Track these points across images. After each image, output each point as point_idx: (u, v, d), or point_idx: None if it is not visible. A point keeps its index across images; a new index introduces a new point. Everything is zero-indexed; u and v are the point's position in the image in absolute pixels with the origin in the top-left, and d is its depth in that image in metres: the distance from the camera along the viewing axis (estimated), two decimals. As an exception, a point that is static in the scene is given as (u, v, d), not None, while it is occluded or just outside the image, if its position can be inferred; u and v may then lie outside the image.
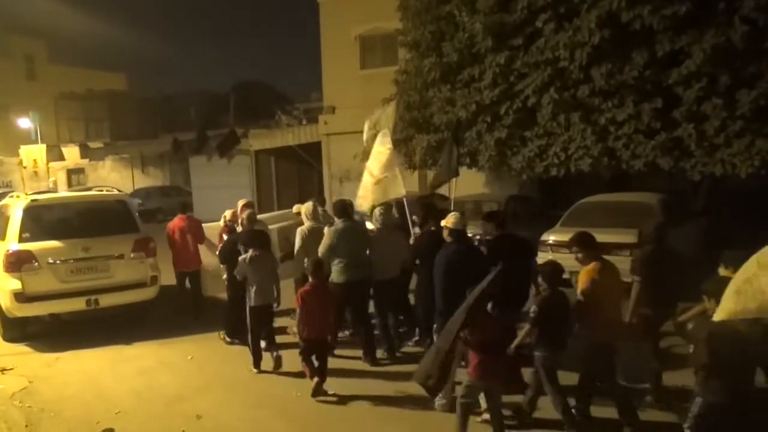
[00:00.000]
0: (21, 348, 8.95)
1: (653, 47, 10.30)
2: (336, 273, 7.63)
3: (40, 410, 6.72)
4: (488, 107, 12.22)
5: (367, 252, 7.83)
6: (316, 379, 6.70)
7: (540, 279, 5.79)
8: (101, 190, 11.78)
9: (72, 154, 37.08)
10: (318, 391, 6.66)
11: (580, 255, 5.85)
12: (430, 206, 8.55)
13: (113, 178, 32.92)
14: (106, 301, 9.26)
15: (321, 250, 7.61)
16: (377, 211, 8.07)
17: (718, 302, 4.11)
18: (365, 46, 20.52)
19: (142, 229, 10.09)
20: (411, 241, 8.33)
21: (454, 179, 9.80)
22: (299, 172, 25.33)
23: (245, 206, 9.18)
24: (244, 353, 8.10)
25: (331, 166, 21.68)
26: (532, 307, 5.64)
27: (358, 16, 19.83)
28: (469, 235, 7.75)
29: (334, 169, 21.55)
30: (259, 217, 9.20)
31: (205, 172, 25.68)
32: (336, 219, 7.94)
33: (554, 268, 5.74)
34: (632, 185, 12.94)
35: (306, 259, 7.80)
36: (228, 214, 9.34)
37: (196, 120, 37.79)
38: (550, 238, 10.59)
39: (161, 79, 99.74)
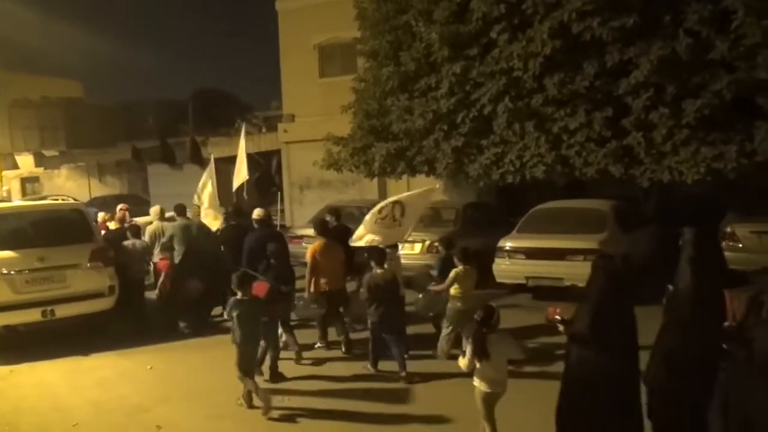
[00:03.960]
0: (-26, 361, 8.78)
1: (603, 58, 10.65)
2: (176, 256, 9.93)
3: (-5, 424, 6.64)
4: (445, 116, 12.43)
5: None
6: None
7: (271, 258, 8.07)
8: (56, 199, 11.63)
9: (26, 162, 36.33)
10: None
11: (314, 234, 8.87)
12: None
13: (69, 187, 32.36)
14: (63, 311, 9.13)
15: (164, 240, 10.06)
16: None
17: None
18: (324, 55, 20.60)
19: (99, 238, 10.02)
20: None
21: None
22: (259, 180, 25.21)
23: (121, 209, 11.98)
24: (207, 364, 8.17)
25: (291, 174, 21.68)
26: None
27: (316, 25, 19.89)
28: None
29: (294, 177, 21.57)
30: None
31: (164, 180, 25.47)
32: (177, 217, 10.45)
33: (276, 247, 8.23)
34: (586, 192, 13.26)
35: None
36: (105, 215, 12.22)
37: (155, 128, 37.30)
38: (507, 244, 10.79)
39: (118, 87, 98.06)
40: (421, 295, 8.58)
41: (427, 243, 11.66)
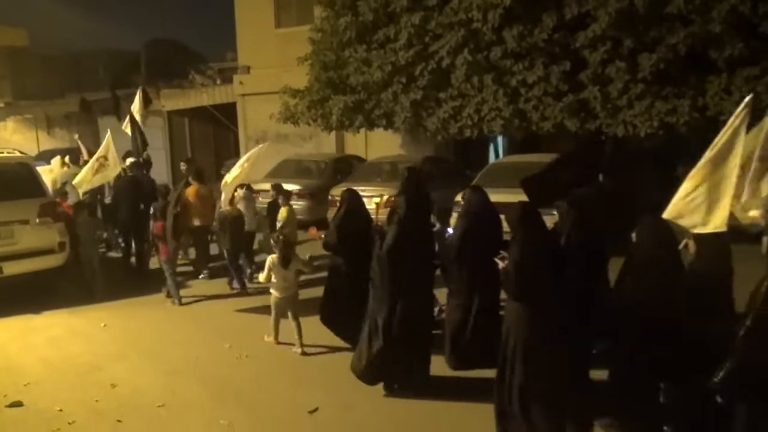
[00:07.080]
0: None
1: (562, 10, 10.61)
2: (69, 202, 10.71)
3: (-57, 384, 6.47)
4: (403, 68, 12.29)
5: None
6: None
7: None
8: (2, 153, 11.21)
9: (-31, 114, 34.96)
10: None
11: (192, 180, 9.95)
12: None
13: (16, 140, 31.23)
14: (11, 269, 8.89)
15: (58, 186, 11.43)
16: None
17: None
18: (280, 4, 20.01)
19: (49, 193, 9.75)
20: None
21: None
22: (215, 133, 24.77)
23: None
24: (160, 320, 8.08)
25: (247, 127, 21.27)
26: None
27: (272, -28, 19.30)
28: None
29: (250, 131, 21.17)
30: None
31: (115, 133, 24.73)
32: (72, 166, 12.09)
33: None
34: (542, 147, 13.32)
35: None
36: None
37: (105, 79, 36.19)
38: (463, 198, 10.79)
39: (67, 36, 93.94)
40: (261, 237, 10.43)
41: (386, 197, 11.63)
